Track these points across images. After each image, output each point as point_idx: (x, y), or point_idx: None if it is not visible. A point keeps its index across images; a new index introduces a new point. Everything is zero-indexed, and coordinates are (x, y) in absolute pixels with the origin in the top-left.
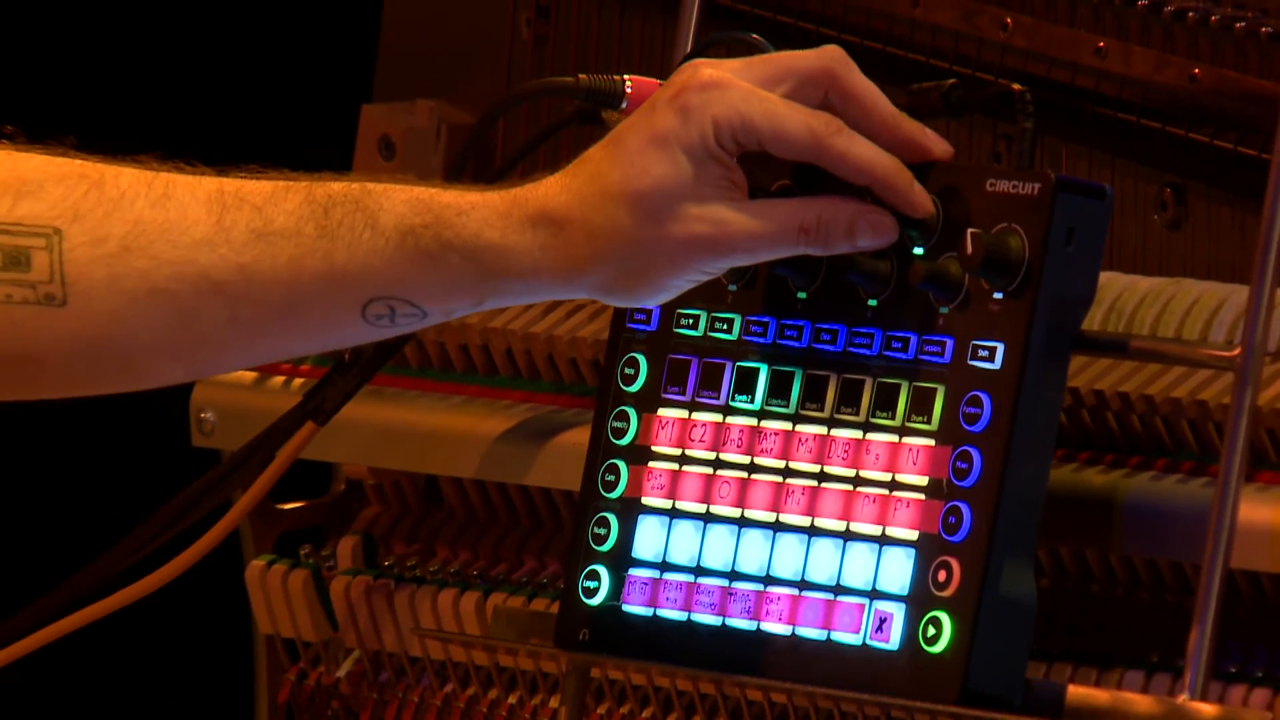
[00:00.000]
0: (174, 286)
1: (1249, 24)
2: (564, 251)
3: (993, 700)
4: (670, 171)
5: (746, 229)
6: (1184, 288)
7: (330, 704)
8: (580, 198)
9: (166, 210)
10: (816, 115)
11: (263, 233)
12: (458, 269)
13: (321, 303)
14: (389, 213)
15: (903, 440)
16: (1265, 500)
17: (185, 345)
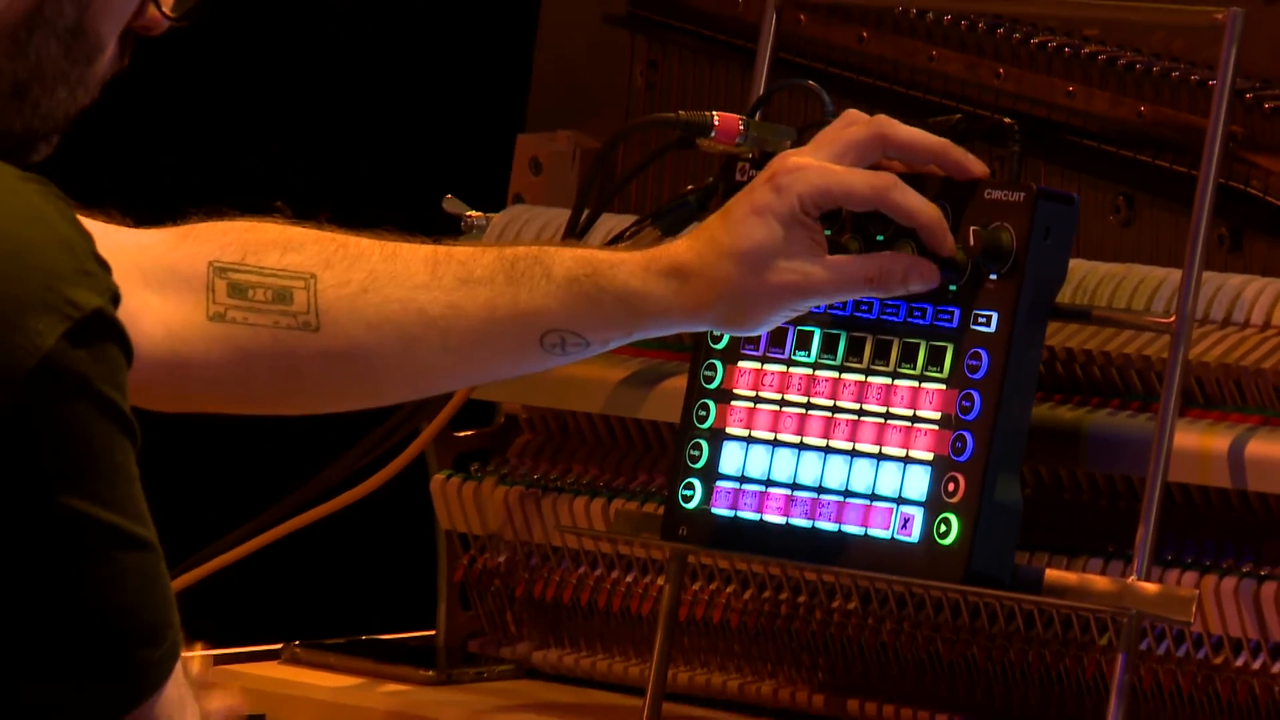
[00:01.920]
0: (400, 318)
1: (1182, 72)
2: (689, 296)
3: (989, 580)
4: (767, 235)
5: (824, 279)
6: (1133, 271)
7: (493, 582)
8: (700, 255)
9: (394, 263)
10: (877, 176)
11: (466, 279)
12: (611, 309)
13: (510, 334)
14: (560, 265)
15: (921, 385)
16: (1193, 431)
17: (410, 367)
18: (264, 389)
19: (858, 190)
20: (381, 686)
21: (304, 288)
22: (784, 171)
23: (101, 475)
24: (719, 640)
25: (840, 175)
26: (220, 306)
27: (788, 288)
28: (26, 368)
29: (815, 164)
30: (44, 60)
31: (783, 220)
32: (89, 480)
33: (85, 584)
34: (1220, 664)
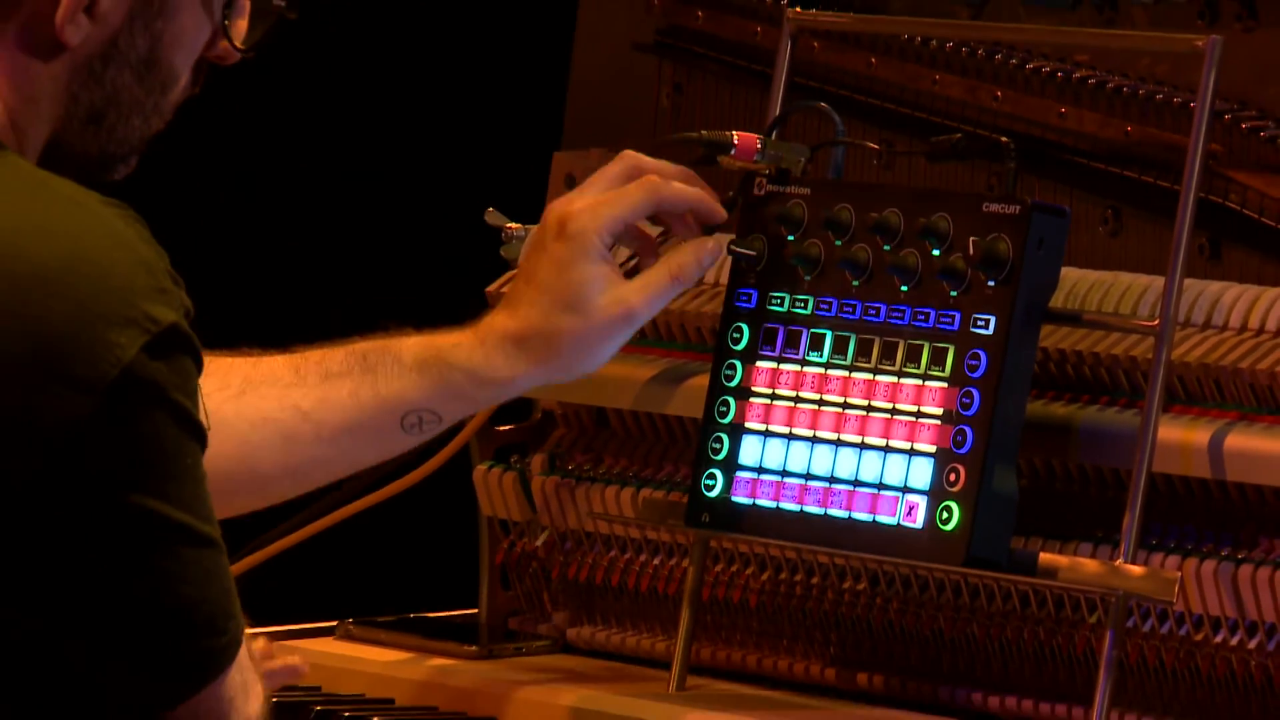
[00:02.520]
0: (278, 414)
1: (1166, 95)
2: (530, 357)
3: (988, 563)
4: (580, 279)
5: (641, 299)
6: (1120, 278)
7: (530, 564)
8: (526, 319)
9: (260, 368)
10: (639, 183)
11: (326, 375)
12: (461, 384)
13: (374, 419)
14: (408, 352)
15: (925, 383)
16: (1176, 426)
17: (290, 462)
18: None
19: (636, 202)
20: (428, 660)
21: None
22: (569, 218)
23: (173, 477)
24: (739, 618)
25: (615, 199)
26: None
27: (615, 320)
28: (109, 378)
29: (590, 200)
30: (119, 89)
31: (589, 260)
32: (161, 481)
33: (155, 577)
34: (1201, 640)
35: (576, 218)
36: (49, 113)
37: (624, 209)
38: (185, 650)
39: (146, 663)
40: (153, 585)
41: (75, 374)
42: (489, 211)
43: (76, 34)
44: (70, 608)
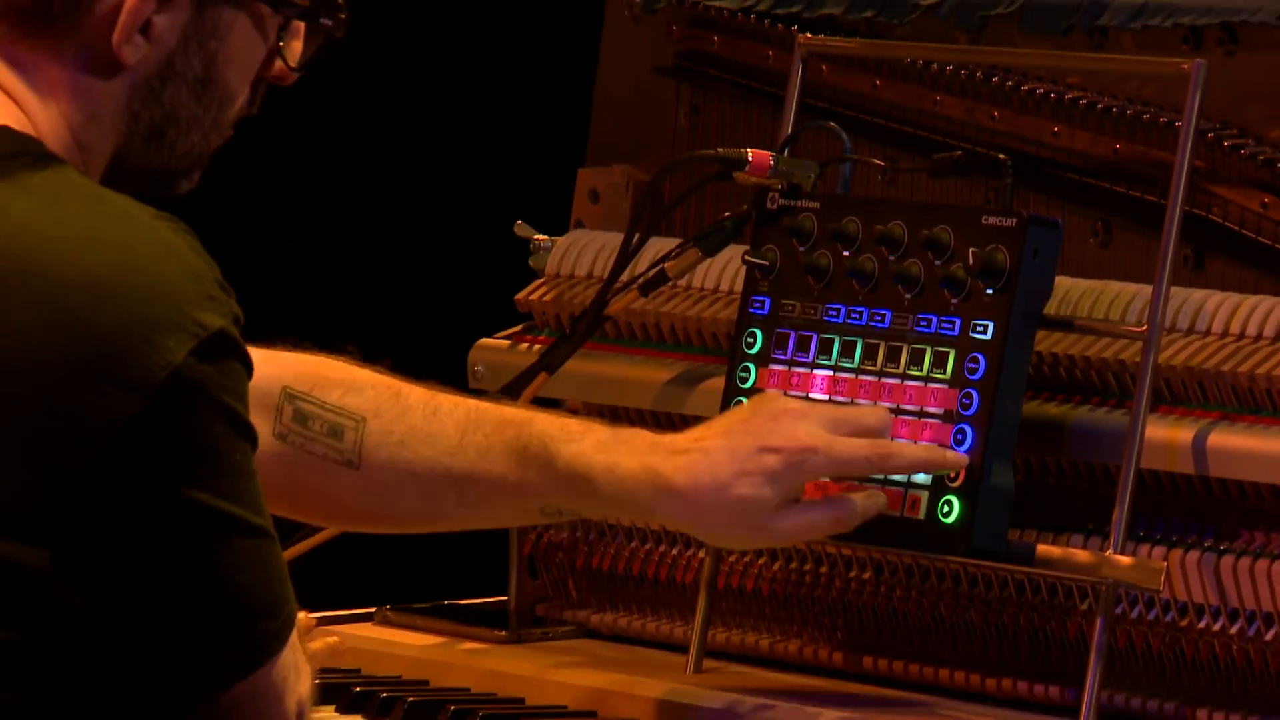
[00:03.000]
0: (426, 476)
1: (1153, 115)
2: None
3: (986, 553)
4: (759, 499)
5: (796, 533)
6: (1110, 286)
7: (556, 555)
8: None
9: (432, 423)
10: (875, 444)
11: (485, 452)
12: (601, 504)
13: (514, 504)
14: (562, 462)
15: (927, 385)
16: (1162, 425)
17: (428, 512)
18: (304, 506)
19: (861, 464)
20: (460, 645)
21: (354, 429)
22: (800, 450)
23: (223, 472)
24: (752, 605)
25: (847, 453)
26: (285, 428)
27: (761, 532)
28: (158, 379)
29: (825, 448)
30: (177, 107)
31: (782, 493)
32: (212, 476)
33: (210, 565)
34: (1185, 626)
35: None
36: (111, 130)
37: (844, 469)
38: (242, 633)
39: (205, 646)
40: (208, 573)
41: (126, 375)
42: (518, 224)
43: (134, 54)
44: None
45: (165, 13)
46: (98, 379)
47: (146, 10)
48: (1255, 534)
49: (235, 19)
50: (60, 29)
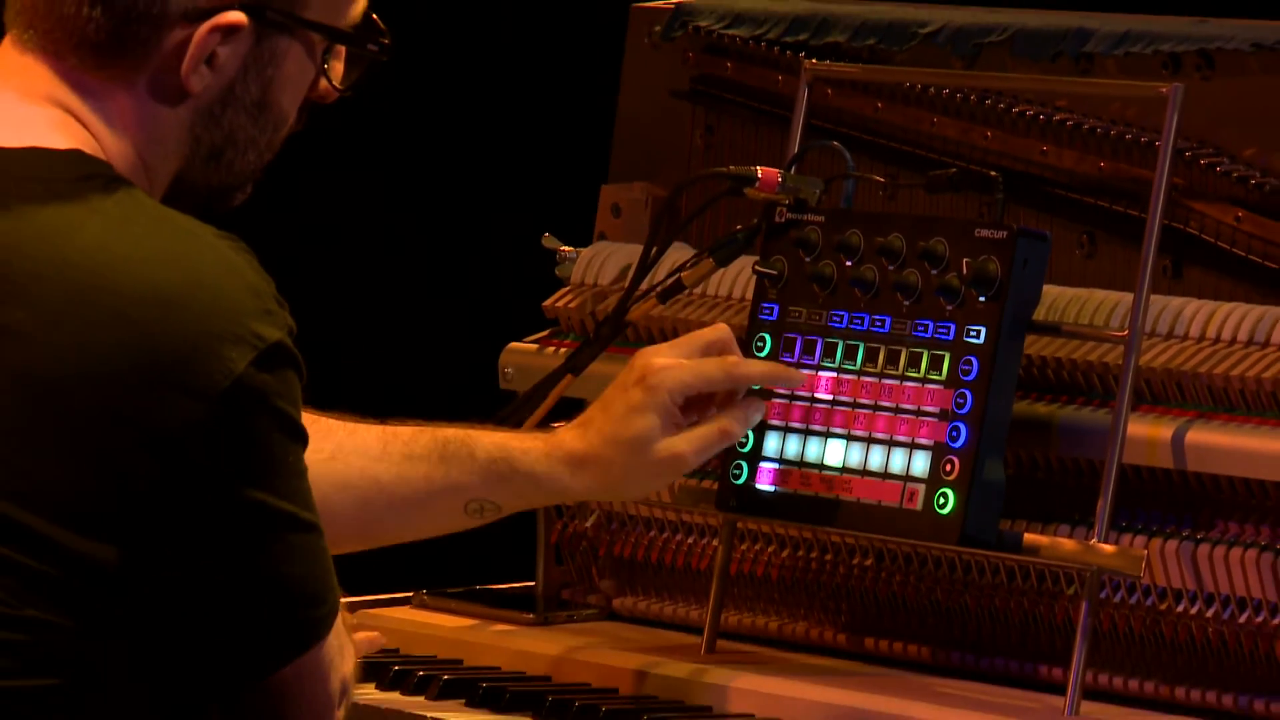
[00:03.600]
0: (359, 483)
1: (1134, 135)
2: (585, 478)
3: (979, 541)
4: (644, 426)
5: (690, 452)
6: (1094, 294)
7: (581, 543)
8: (591, 445)
9: (354, 438)
10: (722, 361)
11: (409, 456)
12: (521, 486)
13: (441, 501)
14: (481, 449)
15: (924, 385)
16: (1143, 423)
17: (361, 521)
18: None
19: (711, 377)
20: (491, 626)
21: None
22: (651, 372)
23: (278, 473)
24: (761, 590)
25: (695, 368)
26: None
27: (663, 464)
28: (222, 387)
29: (674, 363)
30: (235, 130)
31: (656, 412)
32: (268, 477)
33: (265, 558)
34: (1165, 610)
35: (656, 374)
36: (175, 152)
37: (698, 380)
38: (292, 619)
39: (259, 631)
40: (263, 565)
41: (191, 383)
42: (545, 236)
43: (199, 82)
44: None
45: (228, 44)
46: (165, 387)
47: (212, 43)
48: (1230, 524)
49: (289, 47)
50: (132, 61)
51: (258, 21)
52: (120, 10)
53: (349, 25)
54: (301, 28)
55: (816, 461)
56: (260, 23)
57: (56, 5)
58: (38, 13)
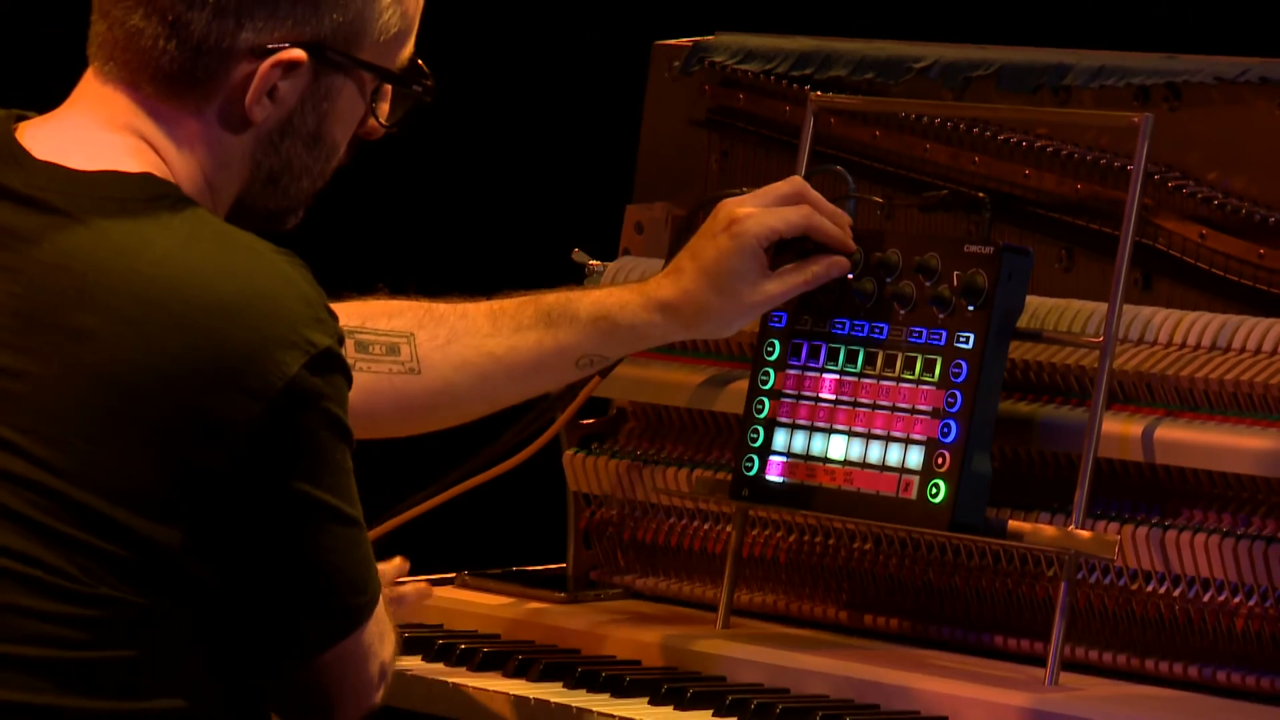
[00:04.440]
0: (476, 359)
1: (1108, 160)
2: (681, 322)
3: (968, 527)
4: (732, 268)
5: (777, 291)
6: (1072, 304)
7: (607, 529)
8: (685, 291)
9: (466, 320)
10: (799, 209)
11: (518, 327)
12: (623, 337)
13: (553, 362)
14: (584, 310)
15: (918, 386)
16: (1116, 420)
17: (484, 393)
18: (384, 419)
19: (793, 222)
20: (527, 604)
21: (407, 342)
22: (736, 220)
23: (326, 469)
24: (771, 571)
25: (778, 215)
26: (352, 359)
27: (753, 304)
28: (277, 388)
29: (757, 210)
30: (292, 158)
31: (742, 255)
32: (316, 471)
33: (310, 547)
34: (1135, 589)
35: (743, 221)
36: (237, 175)
37: (782, 224)
38: (334, 606)
39: (304, 614)
40: (308, 553)
41: (250, 384)
42: (575, 251)
43: (261, 113)
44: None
45: (289, 79)
46: (226, 387)
47: (274, 77)
48: (1195, 512)
49: (344, 85)
50: (201, 91)
51: (316, 59)
52: (192, 45)
53: (398, 67)
54: (355, 67)
55: (821, 455)
56: (318, 61)
57: (135, 39)
58: (118, 46)
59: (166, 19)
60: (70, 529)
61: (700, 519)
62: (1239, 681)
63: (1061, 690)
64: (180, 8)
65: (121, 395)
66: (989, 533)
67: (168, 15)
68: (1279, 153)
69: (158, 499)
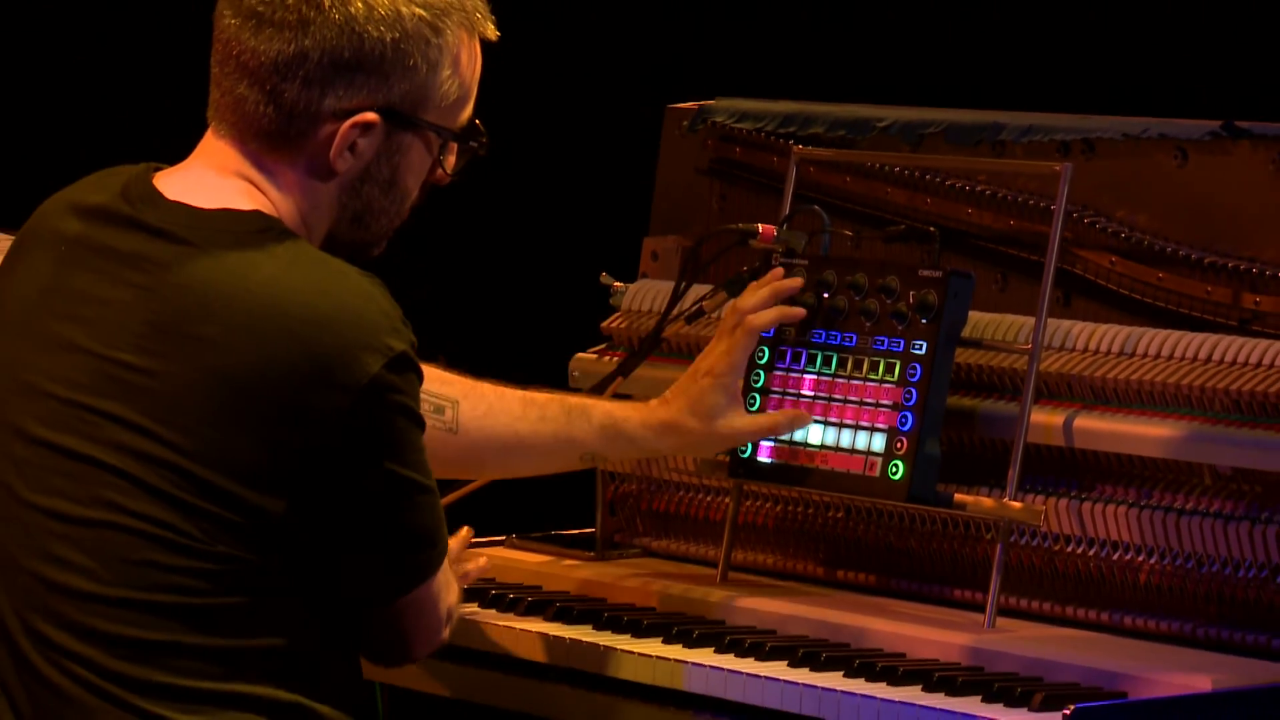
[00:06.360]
0: (503, 435)
1: (1035, 201)
2: (671, 442)
3: (922, 499)
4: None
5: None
6: (1006, 318)
7: (628, 500)
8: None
9: (502, 401)
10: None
11: (542, 418)
12: (622, 446)
13: (563, 452)
14: (596, 416)
15: (881, 385)
16: (1042, 412)
17: (503, 463)
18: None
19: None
20: (563, 562)
21: (452, 407)
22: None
23: (404, 448)
24: (761, 535)
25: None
26: None
27: (724, 435)
28: (362, 384)
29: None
30: (371, 200)
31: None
32: (399, 451)
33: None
34: (1058, 550)
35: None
36: (327, 215)
37: (742, 354)
38: (412, 558)
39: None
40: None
41: (340, 381)
42: (602, 275)
43: (344, 164)
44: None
45: (366, 136)
46: (321, 384)
47: (354, 135)
48: (1106, 487)
49: (413, 142)
50: (295, 146)
51: (388, 121)
52: (286, 110)
53: (458, 127)
54: (421, 127)
55: (802, 441)
56: (389, 121)
57: (241, 105)
58: (228, 110)
59: (265, 88)
60: (194, 499)
61: (704, 492)
62: (1142, 625)
63: (997, 632)
64: (276, 79)
65: (235, 391)
66: (939, 504)
67: (266, 85)
68: (1175, 195)
69: (265, 475)
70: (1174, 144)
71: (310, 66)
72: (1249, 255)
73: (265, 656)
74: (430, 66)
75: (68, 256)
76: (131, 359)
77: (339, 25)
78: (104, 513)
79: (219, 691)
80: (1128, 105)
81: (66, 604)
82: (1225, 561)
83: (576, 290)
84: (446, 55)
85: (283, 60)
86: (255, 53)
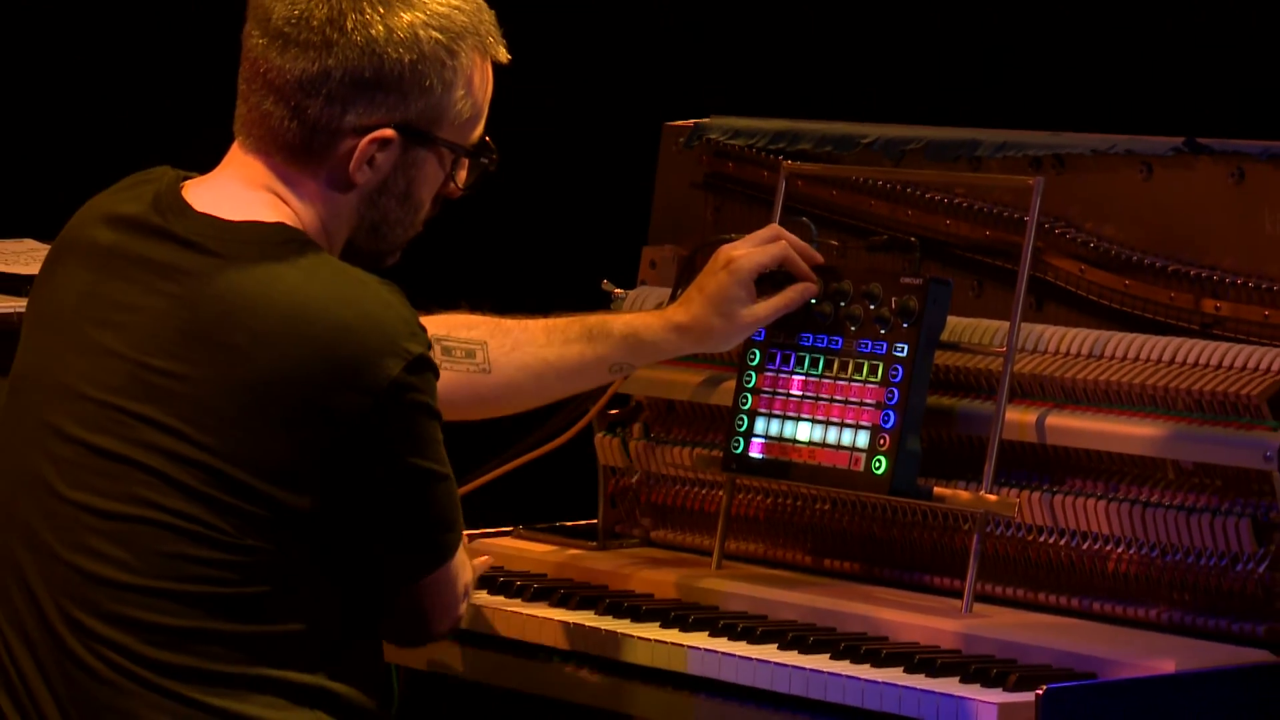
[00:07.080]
0: (533, 364)
1: (1010, 213)
2: (691, 340)
3: (903, 492)
4: (730, 296)
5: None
6: (982, 323)
7: (629, 493)
8: (694, 316)
9: (526, 333)
10: (778, 245)
11: (566, 340)
12: (645, 351)
13: (592, 366)
14: (617, 329)
15: (865, 385)
16: (1016, 410)
17: (537, 389)
18: (462, 407)
19: (775, 255)
20: (566, 551)
21: (481, 349)
22: (732, 260)
23: (425, 442)
24: (753, 526)
25: (763, 251)
26: (437, 361)
27: (746, 324)
28: (383, 386)
29: (747, 250)
30: (388, 212)
31: (737, 285)
32: (420, 446)
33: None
34: (1031, 540)
35: (737, 259)
36: (346, 225)
37: (767, 258)
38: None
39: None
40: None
41: (362, 384)
42: (604, 282)
43: (362, 177)
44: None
45: (383, 151)
46: (343, 387)
47: (371, 150)
48: (1076, 481)
49: (427, 157)
50: (317, 159)
51: (405, 137)
52: (309, 125)
53: (470, 143)
54: (435, 143)
55: (791, 437)
56: (407, 138)
57: (266, 120)
58: (254, 124)
59: (290, 105)
60: (224, 496)
61: (699, 486)
62: (1111, 610)
63: (975, 617)
64: (300, 96)
65: (262, 394)
66: (919, 496)
67: (291, 102)
68: (1140, 207)
69: (291, 473)
70: (1139, 159)
71: (333, 85)
72: (1209, 264)
73: (288, 641)
74: (445, 87)
75: (103, 265)
76: (164, 364)
77: (361, 47)
78: (138, 509)
79: (244, 675)
80: (1096, 123)
81: (101, 593)
82: (1188, 551)
83: (580, 295)
84: (461, 76)
85: (307, 78)
86: (281, 71)
